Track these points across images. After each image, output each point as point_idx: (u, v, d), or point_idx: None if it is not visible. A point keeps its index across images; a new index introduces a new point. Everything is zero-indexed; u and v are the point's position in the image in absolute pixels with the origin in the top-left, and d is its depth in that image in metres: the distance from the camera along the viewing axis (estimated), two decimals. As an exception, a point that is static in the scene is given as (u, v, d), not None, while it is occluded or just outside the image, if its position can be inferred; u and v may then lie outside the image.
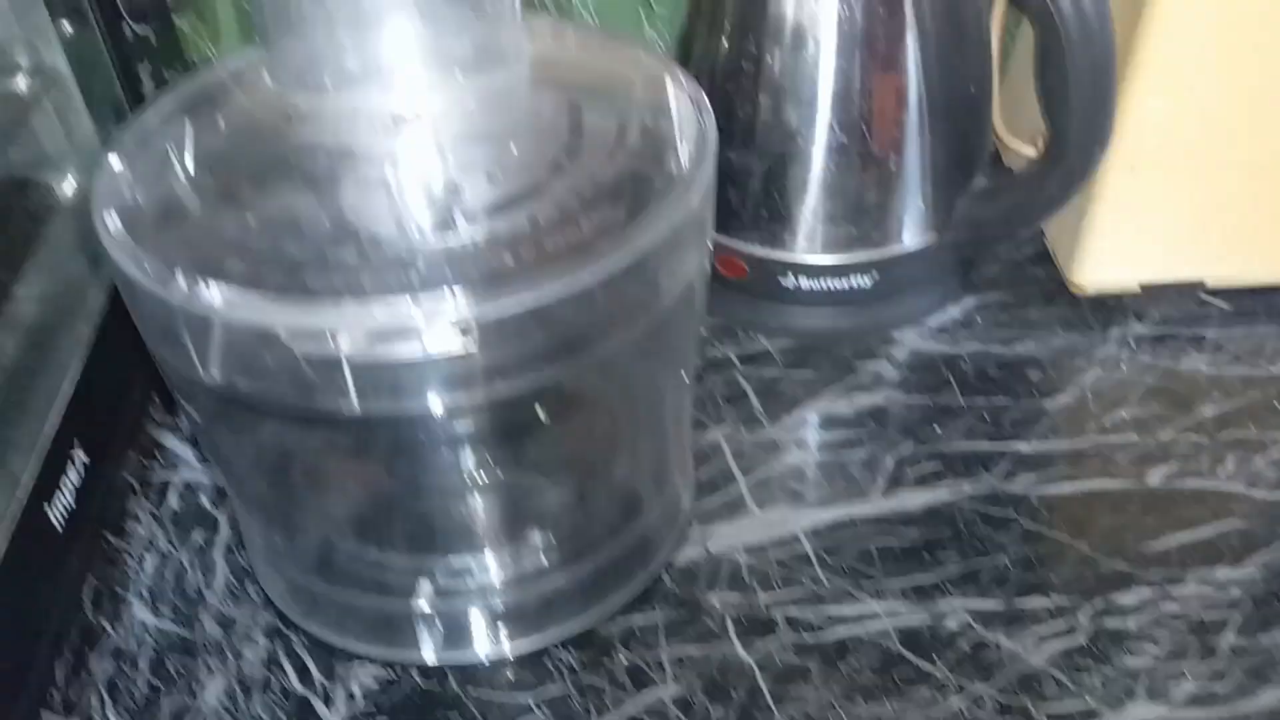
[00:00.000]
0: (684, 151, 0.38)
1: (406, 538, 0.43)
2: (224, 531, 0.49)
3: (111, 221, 0.35)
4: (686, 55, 0.58)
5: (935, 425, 0.53)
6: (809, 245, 0.56)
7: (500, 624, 0.43)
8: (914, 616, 0.44)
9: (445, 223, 0.36)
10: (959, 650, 0.43)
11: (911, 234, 0.56)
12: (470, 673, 0.43)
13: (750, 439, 0.53)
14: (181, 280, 0.31)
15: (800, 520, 0.49)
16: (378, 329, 0.30)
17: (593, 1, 0.63)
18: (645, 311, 0.35)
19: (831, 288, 0.57)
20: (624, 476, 0.45)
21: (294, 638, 0.45)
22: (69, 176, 0.55)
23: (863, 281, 0.56)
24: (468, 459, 0.39)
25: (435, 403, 0.33)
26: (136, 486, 0.51)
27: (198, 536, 0.49)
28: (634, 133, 0.39)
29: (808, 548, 0.47)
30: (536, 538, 0.42)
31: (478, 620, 0.43)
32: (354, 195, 0.37)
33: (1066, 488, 0.50)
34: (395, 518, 0.43)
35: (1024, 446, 0.52)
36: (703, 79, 0.57)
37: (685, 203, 0.35)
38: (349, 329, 0.30)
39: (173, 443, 0.54)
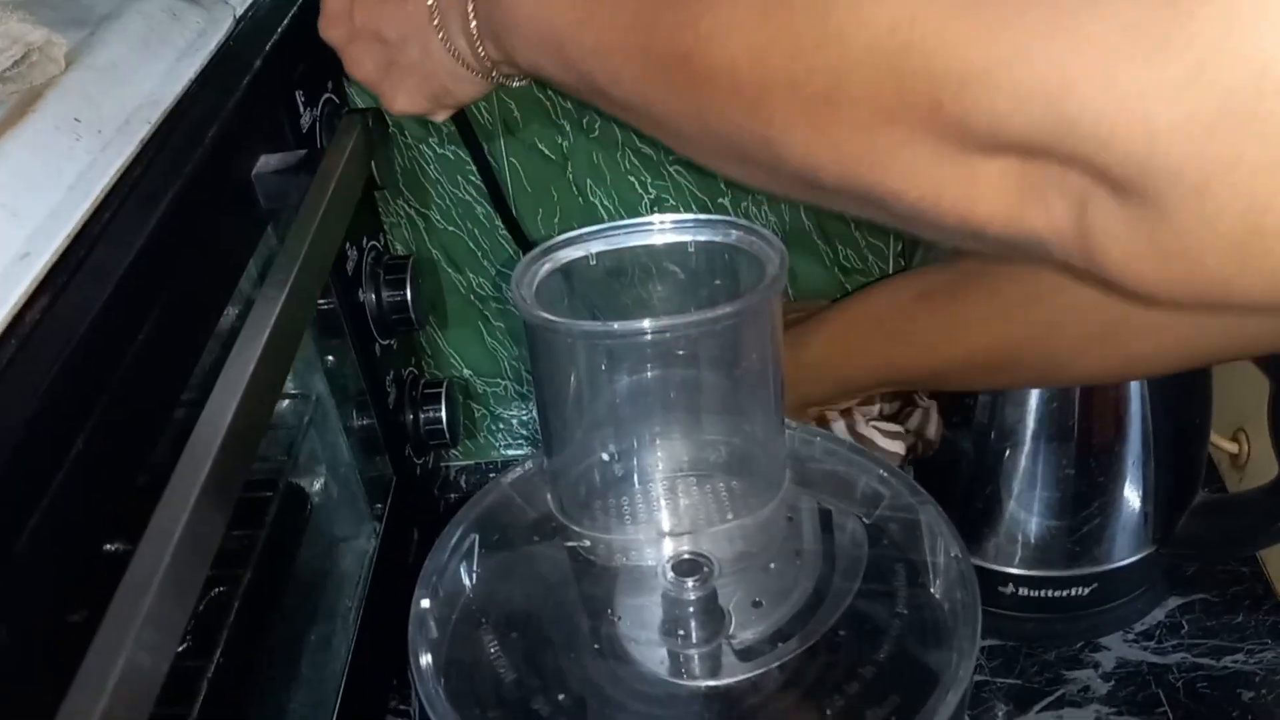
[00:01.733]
0: (939, 587, 0.40)
1: None
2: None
3: (426, 663, 0.39)
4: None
5: (1150, 754, 0.54)
6: (1032, 558, 0.57)
7: None
8: None
9: (715, 669, 0.39)
10: None
11: (1132, 547, 0.57)
12: None
13: (962, 760, 0.54)
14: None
15: None
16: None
17: (793, 292, 0.65)
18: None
19: (1049, 595, 0.58)
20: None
21: None
22: (319, 478, 0.60)
23: (1080, 591, 0.58)
24: None
25: None
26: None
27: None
28: (888, 557, 0.41)
29: None
30: None
31: None
32: (630, 628, 0.40)
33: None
34: None
35: (1242, 789, 0.52)
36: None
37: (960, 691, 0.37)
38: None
39: None
